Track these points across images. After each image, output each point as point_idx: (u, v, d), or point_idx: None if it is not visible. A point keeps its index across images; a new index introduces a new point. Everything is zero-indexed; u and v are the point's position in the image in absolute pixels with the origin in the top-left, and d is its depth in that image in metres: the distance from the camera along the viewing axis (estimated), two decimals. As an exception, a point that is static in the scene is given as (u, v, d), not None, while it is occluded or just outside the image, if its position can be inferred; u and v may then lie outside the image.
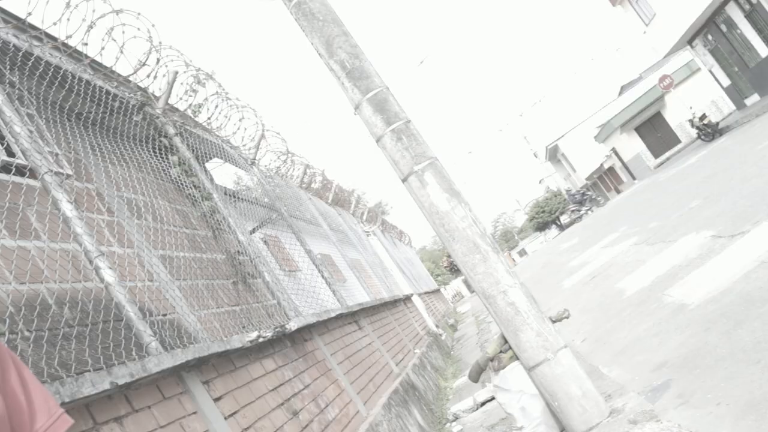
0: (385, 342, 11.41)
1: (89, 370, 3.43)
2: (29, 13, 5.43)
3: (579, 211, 43.40)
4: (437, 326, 21.27)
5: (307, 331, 7.17)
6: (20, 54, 5.15)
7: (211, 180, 8.22)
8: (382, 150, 5.76)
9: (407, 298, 18.08)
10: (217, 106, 8.57)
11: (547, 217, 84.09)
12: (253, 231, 9.37)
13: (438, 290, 37.58)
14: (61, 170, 4.94)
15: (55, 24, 5.62)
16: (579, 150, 62.65)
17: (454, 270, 77.99)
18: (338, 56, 5.78)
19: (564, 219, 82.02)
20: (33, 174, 4.53)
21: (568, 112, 72.76)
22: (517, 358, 5.38)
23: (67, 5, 5.81)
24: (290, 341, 6.55)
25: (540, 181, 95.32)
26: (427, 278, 37.35)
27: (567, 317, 5.74)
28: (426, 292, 26.69)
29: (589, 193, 43.44)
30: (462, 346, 18.67)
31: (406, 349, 13.14)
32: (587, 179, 64.55)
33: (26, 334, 3.57)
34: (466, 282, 76.02)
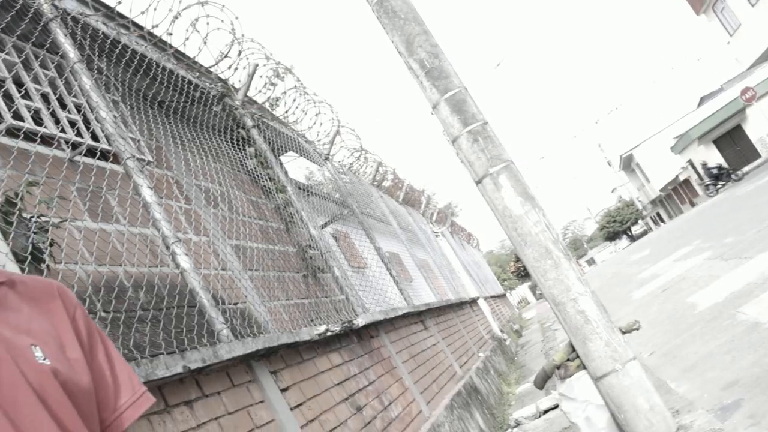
0: (450, 344, 11.38)
1: (162, 353, 3.49)
2: (119, 2, 5.55)
3: (715, 185, 42.20)
4: (502, 331, 21.14)
5: (373, 327, 7.19)
6: (108, 41, 5.27)
7: (286, 173, 8.31)
8: (457, 151, 5.73)
9: (473, 301, 18.00)
10: (294, 100, 8.64)
11: (618, 227, 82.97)
12: (324, 226, 9.43)
13: (504, 295, 37.31)
14: (142, 156, 5.03)
15: (143, 13, 5.73)
16: (654, 160, 61.58)
17: (521, 275, 77.42)
18: (418, 55, 5.76)
19: (636, 229, 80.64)
20: (116, 159, 4.64)
21: (644, 121, 71.51)
22: (584, 368, 5.29)
23: (155, -5, 5.93)
24: (357, 337, 6.58)
25: (612, 191, 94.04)
26: (494, 282, 37.13)
27: (637, 329, 5.64)
28: (492, 296, 26.54)
29: (726, 167, 42.20)
30: (526, 353, 18.52)
31: (471, 352, 13.09)
32: (661, 191, 63.45)
33: (103, 314, 3.65)
34: (532, 288, 75.42)
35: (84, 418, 1.30)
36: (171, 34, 6.21)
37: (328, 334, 5.44)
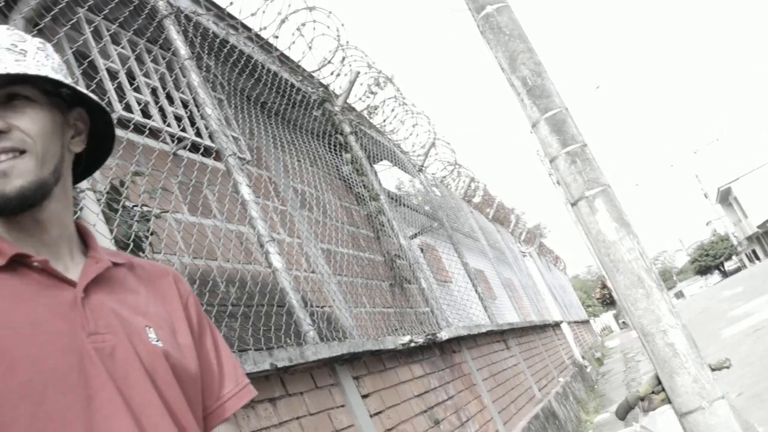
0: (531, 365, 11.25)
1: (250, 349, 3.54)
2: (231, 2, 5.67)
3: None
4: (583, 357, 20.79)
5: (456, 342, 7.16)
6: (217, 41, 5.38)
7: (379, 182, 8.34)
8: (554, 171, 5.63)
9: (556, 325, 17.77)
10: (393, 110, 8.69)
11: (710, 261, 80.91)
12: (414, 237, 9.43)
13: (587, 321, 36.69)
14: (242, 155, 5.12)
15: (252, 15, 5.84)
16: (753, 195, 59.88)
17: (606, 303, 75.91)
18: (521, 72, 5.68)
19: (729, 265, 78.38)
20: (217, 156, 4.73)
21: (746, 154, 69.40)
22: (669, 402, 5.14)
23: (265, -2, 6.03)
24: (439, 350, 6.56)
25: (707, 224, 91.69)
26: (578, 308, 36.55)
27: (728, 367, 5.45)
28: (575, 322, 26.13)
29: None
30: (606, 381, 18.17)
31: (551, 375, 12.91)
32: (759, 227, 61.59)
33: (195, 306, 3.71)
34: (616, 317, 73.89)
35: (189, 402, 1.34)
36: (277, 37, 6.31)
37: (412, 344, 5.44)
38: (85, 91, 1.34)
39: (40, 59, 1.30)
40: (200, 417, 1.41)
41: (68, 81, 1.32)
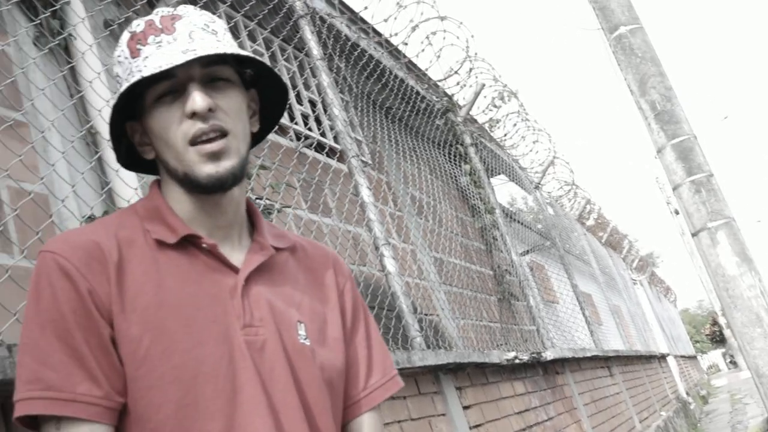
0: (633, 395, 10.99)
1: (358, 350, 3.57)
2: (365, 7, 5.75)
3: None
4: (687, 394, 20.18)
5: (560, 364, 7.06)
6: (349, 44, 5.47)
7: (495, 196, 8.32)
8: (676, 199, 5.54)
9: (662, 357, 17.30)
10: (515, 125, 8.65)
11: (832, 307, 77.38)
12: (525, 254, 9.36)
13: (694, 357, 35.62)
14: (364, 158, 5.20)
15: (385, 21, 5.91)
16: None
17: (716, 340, 73.44)
18: (650, 96, 5.61)
19: None
20: (340, 157, 4.81)
21: None
22: (780, 447, 4.98)
23: (398, 4, 6.09)
24: (542, 370, 6.48)
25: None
26: (686, 342, 35.54)
27: None
28: (682, 356, 25.40)
29: None
30: (710, 421, 17.58)
31: (653, 408, 12.59)
32: None
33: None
34: (725, 355, 71.52)
35: (331, 398, 1.33)
36: (406, 44, 6.36)
37: (516, 361, 5.39)
38: (279, 74, 1.35)
39: (229, 40, 1.32)
40: (340, 413, 1.40)
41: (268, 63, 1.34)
